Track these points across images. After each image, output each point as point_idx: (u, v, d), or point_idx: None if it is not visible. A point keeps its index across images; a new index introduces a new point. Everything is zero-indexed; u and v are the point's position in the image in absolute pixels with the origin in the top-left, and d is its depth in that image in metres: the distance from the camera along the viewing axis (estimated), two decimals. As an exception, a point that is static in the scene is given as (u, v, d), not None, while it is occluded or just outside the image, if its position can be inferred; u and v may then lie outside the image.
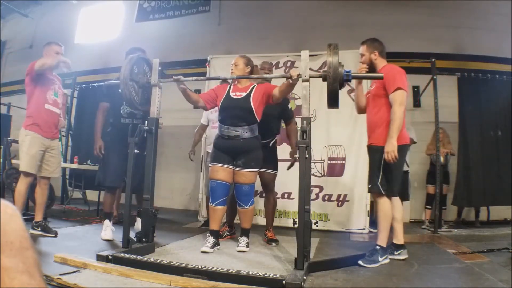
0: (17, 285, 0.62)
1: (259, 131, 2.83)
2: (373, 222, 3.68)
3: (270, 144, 3.23)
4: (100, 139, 3.28)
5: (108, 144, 3.20)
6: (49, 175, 3.15)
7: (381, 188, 2.52)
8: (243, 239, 2.85)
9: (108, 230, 3.03)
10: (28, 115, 2.99)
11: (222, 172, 2.77)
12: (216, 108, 2.96)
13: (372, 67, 2.70)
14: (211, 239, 2.71)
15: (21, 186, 2.98)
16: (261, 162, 2.88)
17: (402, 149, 2.53)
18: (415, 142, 4.19)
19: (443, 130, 4.47)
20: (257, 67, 3.33)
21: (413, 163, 5.12)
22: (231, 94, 2.87)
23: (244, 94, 2.83)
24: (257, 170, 2.84)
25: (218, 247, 2.76)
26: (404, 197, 4.14)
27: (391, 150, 2.41)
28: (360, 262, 2.37)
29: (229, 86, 2.96)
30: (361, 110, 2.90)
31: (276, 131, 3.31)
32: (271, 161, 3.20)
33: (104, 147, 3.23)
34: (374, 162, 2.58)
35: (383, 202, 2.55)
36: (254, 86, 2.87)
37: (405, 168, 4.08)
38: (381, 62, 2.67)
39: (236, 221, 3.33)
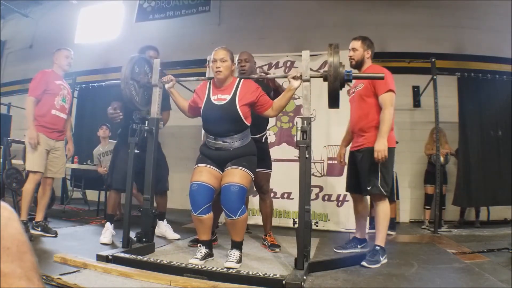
0: None
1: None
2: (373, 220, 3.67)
3: (262, 140, 2.92)
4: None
5: (117, 147, 3.19)
6: (53, 176, 3.19)
7: (382, 189, 2.54)
8: (234, 253, 2.28)
9: (107, 233, 2.92)
10: (35, 118, 3.03)
11: (207, 174, 2.34)
12: None
13: (358, 65, 2.77)
14: (203, 250, 2.34)
15: (29, 185, 3.00)
16: (255, 166, 2.46)
17: (391, 151, 2.59)
18: (396, 142, 4.18)
19: (440, 129, 4.46)
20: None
21: (411, 162, 5.14)
22: (212, 98, 2.39)
23: (228, 97, 2.35)
24: (250, 172, 2.34)
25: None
26: (391, 198, 4.12)
27: (382, 149, 2.45)
28: (363, 263, 2.38)
29: (208, 85, 2.47)
30: None
31: (267, 123, 3.02)
32: (264, 159, 2.81)
33: (113, 149, 3.26)
34: (372, 164, 2.56)
35: (384, 203, 2.58)
36: (239, 83, 2.40)
37: None
38: (368, 62, 2.77)
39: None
